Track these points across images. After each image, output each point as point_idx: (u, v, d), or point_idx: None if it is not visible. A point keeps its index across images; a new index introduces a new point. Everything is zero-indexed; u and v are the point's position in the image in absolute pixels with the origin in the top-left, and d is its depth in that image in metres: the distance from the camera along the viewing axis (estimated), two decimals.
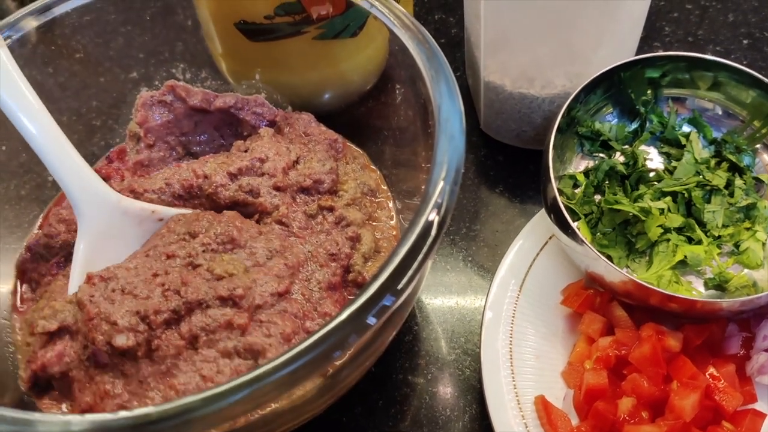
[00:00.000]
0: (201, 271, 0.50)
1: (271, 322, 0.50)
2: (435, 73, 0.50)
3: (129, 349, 0.47)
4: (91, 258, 0.55)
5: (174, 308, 0.48)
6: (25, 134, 0.52)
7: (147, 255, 0.53)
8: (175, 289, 0.49)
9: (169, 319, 0.48)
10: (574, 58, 0.63)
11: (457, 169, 0.45)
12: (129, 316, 0.47)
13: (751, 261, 0.60)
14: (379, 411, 0.60)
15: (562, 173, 0.64)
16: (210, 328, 0.48)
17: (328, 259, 0.56)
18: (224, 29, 0.65)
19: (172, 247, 0.53)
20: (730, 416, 0.53)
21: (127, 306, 0.48)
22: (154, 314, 0.48)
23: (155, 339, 0.48)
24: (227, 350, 0.48)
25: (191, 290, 0.48)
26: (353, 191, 0.61)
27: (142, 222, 0.57)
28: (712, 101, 0.66)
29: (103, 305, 0.48)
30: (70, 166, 0.54)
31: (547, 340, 0.59)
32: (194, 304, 0.48)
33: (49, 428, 0.39)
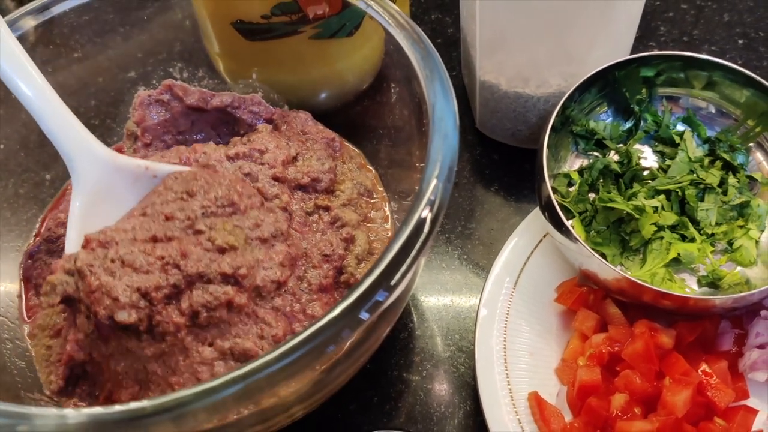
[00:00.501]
0: (202, 240, 0.49)
1: (265, 323, 0.50)
2: (429, 72, 0.50)
3: (130, 325, 0.47)
4: (87, 217, 0.54)
5: (174, 283, 0.47)
6: (18, 93, 0.52)
7: (144, 214, 0.52)
8: (174, 263, 0.48)
9: (170, 294, 0.48)
10: (569, 58, 0.64)
11: (450, 167, 0.46)
12: (130, 292, 0.47)
13: (744, 259, 0.60)
14: (374, 407, 0.60)
15: (557, 172, 0.65)
16: (211, 306, 0.48)
17: (322, 260, 0.56)
18: (221, 29, 0.66)
19: (170, 206, 0.52)
20: (722, 412, 0.53)
21: (128, 281, 0.47)
22: (155, 290, 0.47)
23: (156, 315, 0.47)
24: (223, 351, 0.49)
25: (191, 263, 0.48)
26: (350, 192, 0.61)
27: (137, 179, 0.56)
28: (706, 100, 0.66)
29: (104, 278, 0.47)
30: (63, 123, 0.54)
31: (541, 337, 0.60)
32: (194, 277, 0.48)
33: (46, 421, 0.39)
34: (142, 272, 0.47)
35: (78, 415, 0.39)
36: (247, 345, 0.49)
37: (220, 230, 0.50)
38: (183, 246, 0.49)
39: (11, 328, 0.58)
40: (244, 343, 0.49)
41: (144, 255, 0.48)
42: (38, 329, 0.56)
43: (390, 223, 0.62)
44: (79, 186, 0.55)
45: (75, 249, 0.52)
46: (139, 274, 0.47)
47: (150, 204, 0.53)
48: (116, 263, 0.48)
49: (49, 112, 0.53)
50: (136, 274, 0.47)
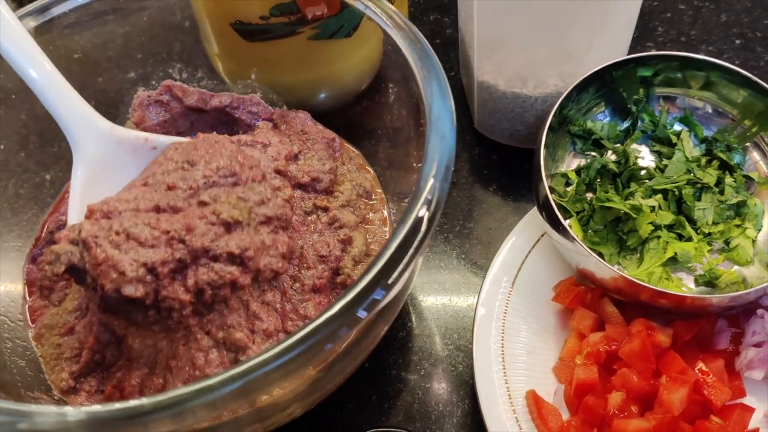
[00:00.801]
0: (207, 214, 0.49)
1: (256, 317, 0.50)
2: (427, 72, 0.50)
3: (137, 299, 0.47)
4: (88, 188, 0.55)
5: (180, 258, 0.47)
6: (17, 68, 0.53)
7: (146, 184, 0.52)
8: (180, 237, 0.47)
9: (176, 268, 0.48)
10: (566, 59, 0.64)
11: (447, 167, 0.46)
12: (136, 266, 0.46)
13: (741, 258, 0.61)
14: (372, 406, 0.61)
15: (555, 171, 0.65)
16: (216, 284, 0.48)
17: (317, 260, 0.56)
18: (220, 30, 0.66)
19: (172, 176, 0.52)
20: (718, 410, 0.53)
21: (134, 255, 0.47)
22: (161, 265, 0.47)
23: (162, 289, 0.47)
24: (217, 339, 0.50)
25: (196, 238, 0.48)
26: (349, 193, 0.61)
27: (137, 151, 0.57)
28: (703, 100, 0.66)
29: (110, 251, 0.47)
30: (62, 96, 0.54)
31: (539, 336, 0.60)
32: (200, 252, 0.48)
33: (46, 419, 0.40)
34: (148, 246, 0.47)
35: (77, 412, 0.39)
36: (238, 335, 0.50)
37: (225, 203, 0.50)
38: (188, 220, 0.48)
39: (12, 327, 0.58)
40: (235, 333, 0.50)
41: (149, 228, 0.47)
42: (45, 329, 0.56)
43: (388, 225, 0.62)
44: (79, 157, 0.55)
45: (77, 219, 0.53)
46: (145, 248, 0.47)
47: (151, 174, 0.53)
48: (121, 236, 0.47)
49: (48, 86, 0.54)
50: (141, 248, 0.47)
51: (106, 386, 0.52)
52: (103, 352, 0.52)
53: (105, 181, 0.56)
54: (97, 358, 0.52)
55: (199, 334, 0.50)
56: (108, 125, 0.56)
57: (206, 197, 0.50)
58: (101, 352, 0.52)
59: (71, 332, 0.54)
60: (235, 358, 0.50)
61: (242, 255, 0.48)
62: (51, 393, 0.54)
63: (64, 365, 0.52)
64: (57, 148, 0.68)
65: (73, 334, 0.53)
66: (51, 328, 0.55)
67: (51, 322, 0.56)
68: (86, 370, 0.52)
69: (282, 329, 0.52)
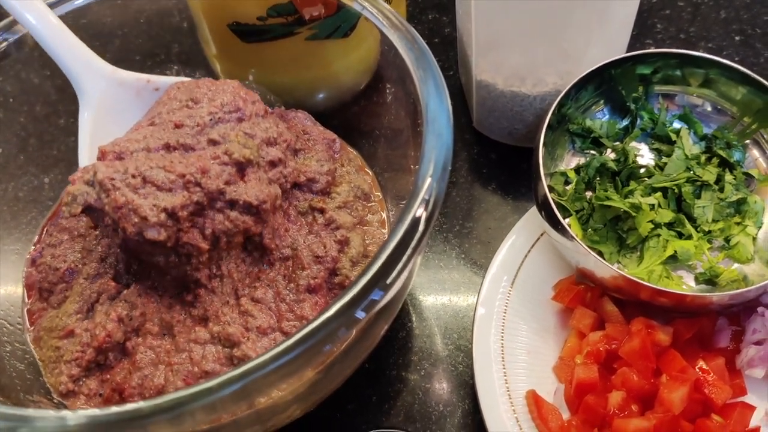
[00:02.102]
0: (219, 154, 0.51)
1: (249, 314, 0.51)
2: (423, 72, 0.50)
3: (159, 242, 0.49)
4: (95, 131, 0.57)
5: (197, 200, 0.49)
6: (23, 21, 0.55)
7: (152, 124, 0.54)
8: (196, 181, 0.49)
9: (194, 211, 0.50)
10: (564, 58, 0.64)
11: (444, 166, 0.46)
12: (157, 211, 0.48)
13: (742, 255, 0.61)
14: (372, 407, 0.61)
15: (554, 170, 0.65)
16: (231, 233, 0.51)
17: (313, 260, 0.56)
18: (218, 31, 0.66)
19: (178, 114, 0.54)
20: (719, 409, 0.53)
21: (153, 200, 0.48)
22: (181, 209, 0.48)
23: (183, 234, 0.49)
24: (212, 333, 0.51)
25: (211, 180, 0.49)
26: (346, 194, 0.61)
27: (140, 92, 0.59)
28: (702, 97, 0.66)
29: (129, 195, 0.48)
30: (65, 42, 0.56)
31: (539, 335, 0.60)
32: (215, 194, 0.50)
33: (46, 423, 0.40)
34: (166, 190, 0.49)
35: (77, 416, 0.40)
36: (231, 330, 0.51)
37: (234, 143, 0.51)
38: (202, 162, 0.50)
39: (11, 331, 0.58)
40: (228, 327, 0.51)
41: (165, 172, 0.49)
42: (44, 331, 0.56)
43: (387, 227, 0.62)
44: (85, 101, 0.58)
45: (88, 162, 0.55)
46: (163, 192, 0.49)
47: (157, 114, 0.55)
48: (138, 179, 0.49)
49: (51, 33, 0.56)
50: (160, 192, 0.49)
51: (106, 389, 0.52)
52: (107, 353, 0.52)
53: (111, 123, 0.58)
54: (99, 359, 0.52)
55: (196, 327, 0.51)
56: (110, 68, 0.58)
57: (215, 135, 0.52)
58: (106, 353, 0.52)
59: (71, 335, 0.54)
60: (230, 354, 0.51)
61: (259, 207, 0.51)
62: (50, 396, 0.54)
63: (63, 368, 0.52)
64: (56, 150, 0.68)
65: (74, 336, 0.53)
66: (50, 331, 0.55)
67: (50, 325, 0.56)
68: (86, 372, 0.53)
69: (278, 329, 0.52)
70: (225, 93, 0.55)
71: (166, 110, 0.55)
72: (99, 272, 0.56)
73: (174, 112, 0.54)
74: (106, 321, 0.52)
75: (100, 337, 0.52)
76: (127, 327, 0.52)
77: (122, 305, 0.53)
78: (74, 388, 0.52)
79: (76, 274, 0.58)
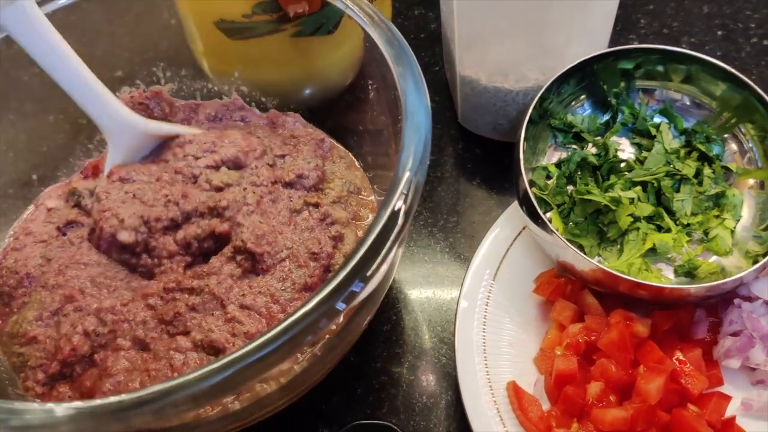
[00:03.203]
0: (201, 183, 0.58)
1: (236, 320, 0.51)
2: (402, 68, 0.51)
3: (129, 245, 0.55)
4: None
5: (172, 217, 0.56)
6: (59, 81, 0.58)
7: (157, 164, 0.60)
8: (175, 201, 0.56)
9: (168, 226, 0.56)
10: (546, 54, 0.65)
11: (422, 160, 0.47)
12: (135, 218, 0.55)
13: (720, 248, 0.61)
14: (357, 399, 0.61)
15: (536, 165, 0.66)
16: (200, 237, 0.56)
17: (309, 258, 0.56)
18: (204, 28, 0.67)
19: (180, 165, 0.59)
20: (695, 399, 0.54)
21: (134, 210, 0.55)
22: (155, 221, 0.55)
23: (152, 241, 0.56)
24: (194, 342, 0.51)
25: (189, 203, 0.56)
26: (339, 189, 0.62)
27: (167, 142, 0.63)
28: (682, 92, 0.67)
29: (116, 204, 0.56)
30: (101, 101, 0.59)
31: (521, 327, 0.61)
32: (191, 213, 0.56)
33: (35, 415, 0.41)
34: (148, 205, 0.56)
35: (64, 408, 0.40)
36: (215, 336, 0.51)
37: (217, 174, 0.59)
38: (185, 189, 0.57)
39: None
40: (212, 334, 0.51)
41: (152, 192, 0.56)
42: (7, 337, 0.56)
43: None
44: (114, 147, 0.61)
45: None
46: (146, 206, 0.56)
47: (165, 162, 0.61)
48: (129, 194, 0.57)
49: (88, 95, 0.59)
50: (143, 205, 0.56)
51: (75, 394, 0.52)
52: (73, 366, 0.53)
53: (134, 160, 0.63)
54: (65, 371, 0.53)
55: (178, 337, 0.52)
56: (142, 122, 0.61)
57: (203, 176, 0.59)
58: (72, 365, 0.53)
59: (34, 341, 0.54)
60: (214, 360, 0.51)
61: (216, 206, 0.56)
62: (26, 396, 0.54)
63: (29, 374, 0.53)
64: (45, 147, 0.69)
65: (37, 343, 0.54)
66: (12, 337, 0.55)
67: (11, 330, 0.55)
68: (53, 380, 0.53)
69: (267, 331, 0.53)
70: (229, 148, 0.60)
71: (177, 154, 0.60)
72: (59, 283, 0.56)
73: (179, 160, 0.60)
74: (72, 333, 0.52)
75: (65, 351, 0.52)
76: (94, 342, 0.52)
77: (90, 319, 0.53)
78: (44, 392, 0.53)
79: (34, 280, 0.58)
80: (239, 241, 0.55)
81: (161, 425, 0.46)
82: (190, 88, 0.71)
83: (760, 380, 0.56)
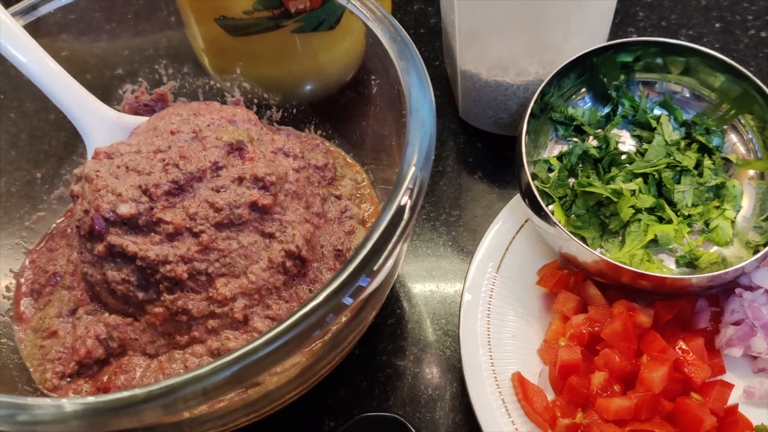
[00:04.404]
0: (208, 141, 0.53)
1: (256, 330, 0.52)
2: (406, 63, 0.51)
3: (131, 217, 0.50)
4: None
5: (173, 179, 0.51)
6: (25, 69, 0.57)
7: (148, 131, 0.56)
8: (173, 162, 0.51)
9: (170, 190, 0.51)
10: (545, 48, 0.65)
11: (427, 155, 0.47)
12: (132, 189, 0.50)
13: (721, 238, 0.62)
14: (363, 392, 0.62)
15: (537, 158, 0.66)
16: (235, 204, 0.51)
17: (334, 257, 0.56)
18: (205, 25, 0.67)
19: (176, 123, 0.55)
20: (698, 387, 0.55)
21: (131, 181, 0.51)
22: (154, 187, 0.50)
23: (157, 212, 0.51)
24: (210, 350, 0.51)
25: (191, 163, 0.52)
26: (350, 187, 0.63)
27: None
28: (681, 84, 0.67)
29: (110, 180, 0.51)
30: (71, 92, 0.58)
31: (524, 319, 0.61)
32: (196, 175, 0.52)
33: (45, 410, 0.41)
34: (145, 174, 0.51)
35: (73, 403, 0.41)
36: (231, 344, 0.51)
37: (225, 130, 0.54)
38: (183, 150, 0.52)
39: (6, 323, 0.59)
40: (228, 342, 0.51)
41: (147, 160, 0.52)
42: (31, 330, 0.57)
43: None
44: (91, 142, 0.60)
45: None
46: (142, 175, 0.51)
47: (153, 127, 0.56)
48: (121, 168, 0.52)
49: (56, 84, 0.58)
50: (138, 175, 0.51)
51: (91, 388, 0.53)
52: (90, 366, 0.53)
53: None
54: (82, 371, 0.54)
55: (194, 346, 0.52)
56: (114, 114, 0.60)
57: (207, 132, 0.54)
58: (89, 366, 0.53)
59: (54, 335, 0.55)
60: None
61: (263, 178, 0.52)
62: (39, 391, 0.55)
63: (48, 366, 0.53)
64: (47, 145, 0.69)
65: (57, 337, 0.55)
66: (35, 331, 0.57)
67: (36, 325, 0.57)
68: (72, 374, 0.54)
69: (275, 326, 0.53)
70: (225, 110, 0.57)
71: (164, 123, 0.56)
72: (72, 285, 0.57)
73: (172, 124, 0.56)
74: (86, 337, 0.53)
75: (80, 353, 0.53)
76: (108, 349, 0.53)
77: (100, 327, 0.53)
78: (60, 384, 0.53)
79: (60, 279, 0.59)
80: (293, 246, 0.52)
81: (171, 420, 0.47)
82: (192, 85, 0.71)
83: (762, 368, 0.57)
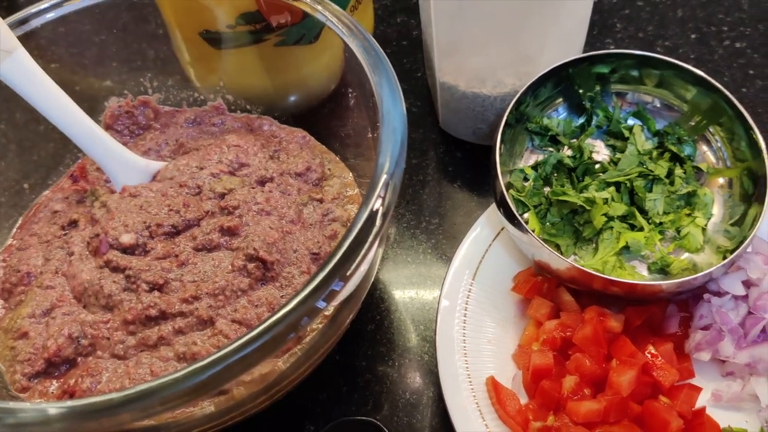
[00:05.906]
0: (205, 192, 0.61)
1: (222, 334, 0.53)
2: (379, 77, 0.53)
3: (129, 247, 0.58)
4: None
5: (173, 224, 0.59)
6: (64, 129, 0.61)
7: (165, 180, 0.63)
8: (176, 209, 0.59)
9: (168, 232, 0.59)
10: (521, 60, 0.67)
11: (398, 163, 0.49)
12: (139, 223, 0.58)
13: (692, 245, 0.64)
14: (343, 397, 0.63)
15: (513, 167, 0.68)
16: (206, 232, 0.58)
17: (311, 260, 0.58)
18: (190, 39, 0.68)
19: (185, 178, 0.63)
20: (666, 391, 0.56)
21: (139, 217, 0.59)
22: (156, 226, 0.58)
23: (151, 245, 0.58)
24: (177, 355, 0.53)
25: (190, 211, 0.59)
26: (338, 186, 0.64)
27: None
28: (653, 95, 0.69)
29: (123, 213, 0.59)
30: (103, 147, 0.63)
31: (500, 324, 0.63)
32: (192, 222, 0.59)
33: (29, 414, 0.42)
34: (152, 214, 0.59)
35: (58, 406, 0.42)
36: (196, 348, 0.53)
37: (219, 182, 0.62)
38: (187, 199, 0.61)
39: None
40: (194, 347, 0.53)
41: (157, 204, 0.60)
42: (2, 331, 0.59)
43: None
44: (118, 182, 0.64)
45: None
46: (150, 215, 0.59)
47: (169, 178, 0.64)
48: (136, 206, 0.60)
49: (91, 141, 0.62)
50: (147, 214, 0.59)
51: (57, 390, 0.54)
52: (58, 365, 0.55)
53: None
54: (50, 370, 0.55)
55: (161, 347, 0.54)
56: (143, 163, 0.65)
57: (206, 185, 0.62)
58: (57, 365, 0.55)
59: (25, 336, 0.56)
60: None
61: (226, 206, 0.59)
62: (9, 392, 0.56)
63: (17, 368, 0.55)
64: (36, 156, 0.71)
65: (28, 338, 0.56)
66: (6, 332, 0.58)
67: (7, 326, 0.58)
68: (38, 375, 0.55)
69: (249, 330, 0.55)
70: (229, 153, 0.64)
71: (179, 174, 0.63)
72: (52, 285, 0.58)
73: (184, 177, 0.63)
74: (59, 335, 0.54)
75: (50, 350, 0.54)
76: (78, 348, 0.55)
77: (75, 326, 0.55)
78: (29, 385, 0.55)
79: (33, 278, 0.60)
80: (251, 249, 0.56)
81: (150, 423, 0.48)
82: (176, 97, 0.73)
83: (730, 372, 0.58)
